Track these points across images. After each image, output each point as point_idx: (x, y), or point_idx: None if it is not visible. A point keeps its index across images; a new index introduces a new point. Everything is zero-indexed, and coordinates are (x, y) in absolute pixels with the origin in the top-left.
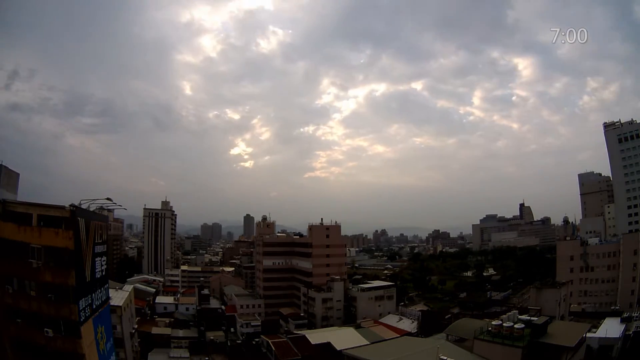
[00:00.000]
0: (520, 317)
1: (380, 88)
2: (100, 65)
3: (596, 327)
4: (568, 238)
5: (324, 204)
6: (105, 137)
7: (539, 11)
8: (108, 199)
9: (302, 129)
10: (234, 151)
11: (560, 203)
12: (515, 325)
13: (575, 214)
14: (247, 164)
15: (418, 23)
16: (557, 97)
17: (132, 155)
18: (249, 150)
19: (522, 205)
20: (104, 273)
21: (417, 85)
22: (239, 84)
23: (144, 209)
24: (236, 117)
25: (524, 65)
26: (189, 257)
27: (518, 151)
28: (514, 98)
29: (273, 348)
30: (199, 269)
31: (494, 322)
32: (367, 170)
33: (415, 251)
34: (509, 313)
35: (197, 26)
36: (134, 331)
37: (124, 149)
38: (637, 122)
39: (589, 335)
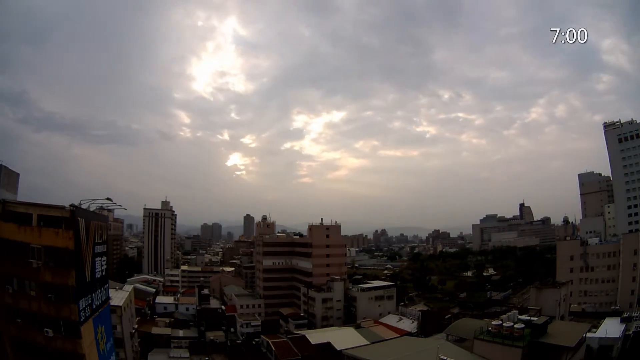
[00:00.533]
0: (520, 317)
1: (339, 115)
2: (107, 96)
3: (596, 327)
4: (568, 238)
5: (316, 206)
6: (110, 147)
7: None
8: (108, 199)
9: (283, 147)
10: (230, 162)
11: (560, 203)
12: (515, 325)
13: (575, 214)
14: (243, 172)
15: (363, 70)
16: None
17: (134, 161)
18: (243, 161)
19: (522, 205)
20: (104, 273)
21: (369, 112)
22: (226, 114)
23: (144, 209)
24: (227, 137)
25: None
26: (189, 257)
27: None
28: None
29: (273, 348)
30: (199, 269)
31: (494, 322)
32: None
33: (415, 251)
34: (509, 313)
35: (187, 76)
36: (134, 331)
37: (127, 156)
38: (637, 122)
39: (589, 335)
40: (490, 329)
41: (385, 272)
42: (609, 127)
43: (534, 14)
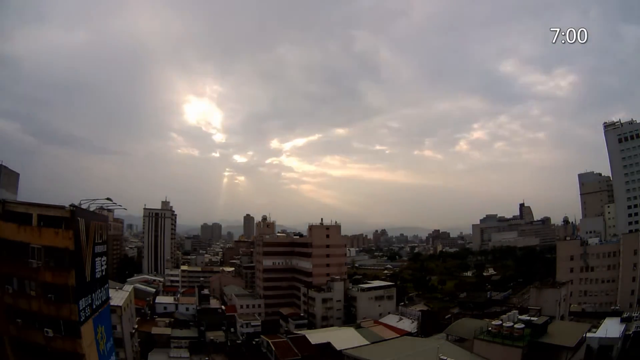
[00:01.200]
0: (520, 317)
1: (303, 140)
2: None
3: (596, 327)
4: (568, 238)
5: (311, 207)
6: (114, 158)
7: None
8: (108, 199)
9: (267, 161)
10: (226, 172)
11: (560, 203)
12: (515, 325)
13: (575, 214)
14: (241, 179)
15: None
16: None
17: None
18: (237, 173)
19: (522, 205)
20: (104, 273)
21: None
22: (215, 138)
23: (144, 209)
24: (218, 155)
25: None
26: (189, 257)
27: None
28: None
29: (273, 348)
30: (199, 269)
31: (494, 322)
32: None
33: (415, 251)
34: (509, 313)
35: (182, 113)
36: (134, 331)
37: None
38: (637, 122)
39: (589, 335)
40: (490, 329)
41: (385, 272)
42: (609, 127)
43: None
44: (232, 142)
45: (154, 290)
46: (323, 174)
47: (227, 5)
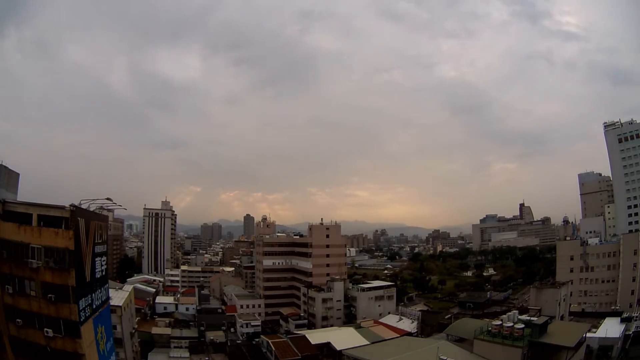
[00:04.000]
0: (520, 317)
1: None
2: None
3: (596, 327)
4: (568, 238)
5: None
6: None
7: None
8: (108, 199)
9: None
10: None
11: (560, 203)
12: (515, 325)
13: (575, 214)
14: None
15: None
16: None
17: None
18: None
19: (522, 205)
20: (104, 273)
21: None
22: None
23: (144, 209)
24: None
25: None
26: (189, 257)
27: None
28: None
29: (273, 348)
30: (199, 269)
31: (494, 322)
32: None
33: (415, 251)
34: (509, 313)
35: None
36: (134, 331)
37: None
38: (637, 122)
39: (589, 335)
40: (490, 329)
41: (385, 272)
42: (609, 127)
43: None
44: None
45: (154, 290)
46: None
47: None
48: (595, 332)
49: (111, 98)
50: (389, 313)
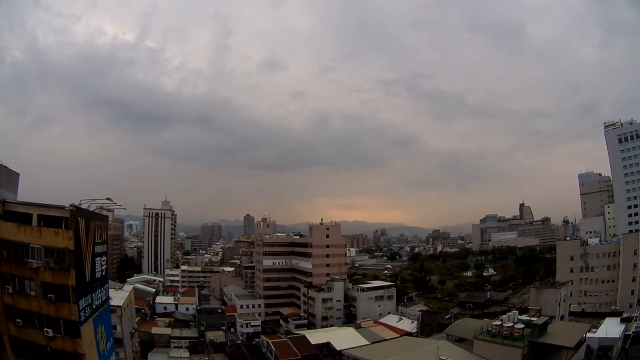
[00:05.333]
0: (520, 317)
1: None
2: None
3: (596, 327)
4: (568, 238)
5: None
6: None
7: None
8: (108, 199)
9: None
10: None
11: (560, 203)
12: (515, 325)
13: (575, 214)
14: None
15: None
16: None
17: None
18: None
19: (522, 205)
20: (104, 273)
21: None
22: None
23: (144, 209)
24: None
25: None
26: (189, 257)
27: None
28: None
29: (273, 348)
30: (199, 269)
31: (494, 322)
32: None
33: (415, 251)
34: (509, 313)
35: None
36: (134, 331)
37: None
38: (637, 122)
39: (589, 335)
40: (490, 329)
41: (385, 272)
42: (609, 128)
43: None
44: None
45: (154, 290)
46: None
47: None
48: (595, 332)
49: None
50: (389, 313)
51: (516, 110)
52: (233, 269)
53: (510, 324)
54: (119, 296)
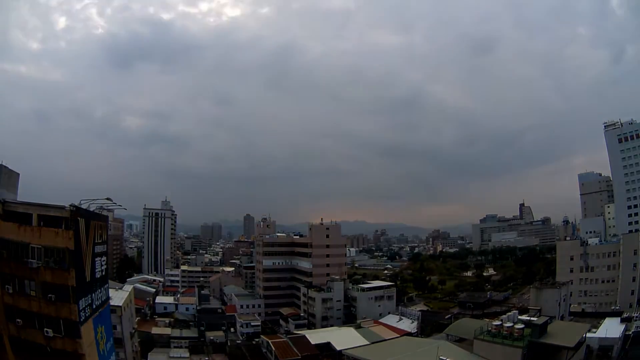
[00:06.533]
0: (520, 317)
1: None
2: None
3: (596, 327)
4: (568, 238)
5: None
6: None
7: None
8: (108, 199)
9: None
10: None
11: (560, 203)
12: (515, 325)
13: (575, 214)
14: None
15: None
16: None
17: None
18: None
19: (522, 205)
20: (104, 273)
21: None
22: None
23: (144, 208)
24: None
25: None
26: (189, 257)
27: None
28: None
29: (273, 348)
30: (199, 269)
31: (494, 322)
32: None
33: (415, 251)
34: (509, 313)
35: None
36: (134, 331)
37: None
38: (637, 122)
39: (589, 335)
40: (490, 329)
41: (385, 272)
42: (609, 127)
43: None
44: None
45: (154, 290)
46: None
47: None
48: (595, 332)
49: None
50: (389, 313)
51: None
52: (233, 269)
53: (510, 324)
54: (119, 296)
